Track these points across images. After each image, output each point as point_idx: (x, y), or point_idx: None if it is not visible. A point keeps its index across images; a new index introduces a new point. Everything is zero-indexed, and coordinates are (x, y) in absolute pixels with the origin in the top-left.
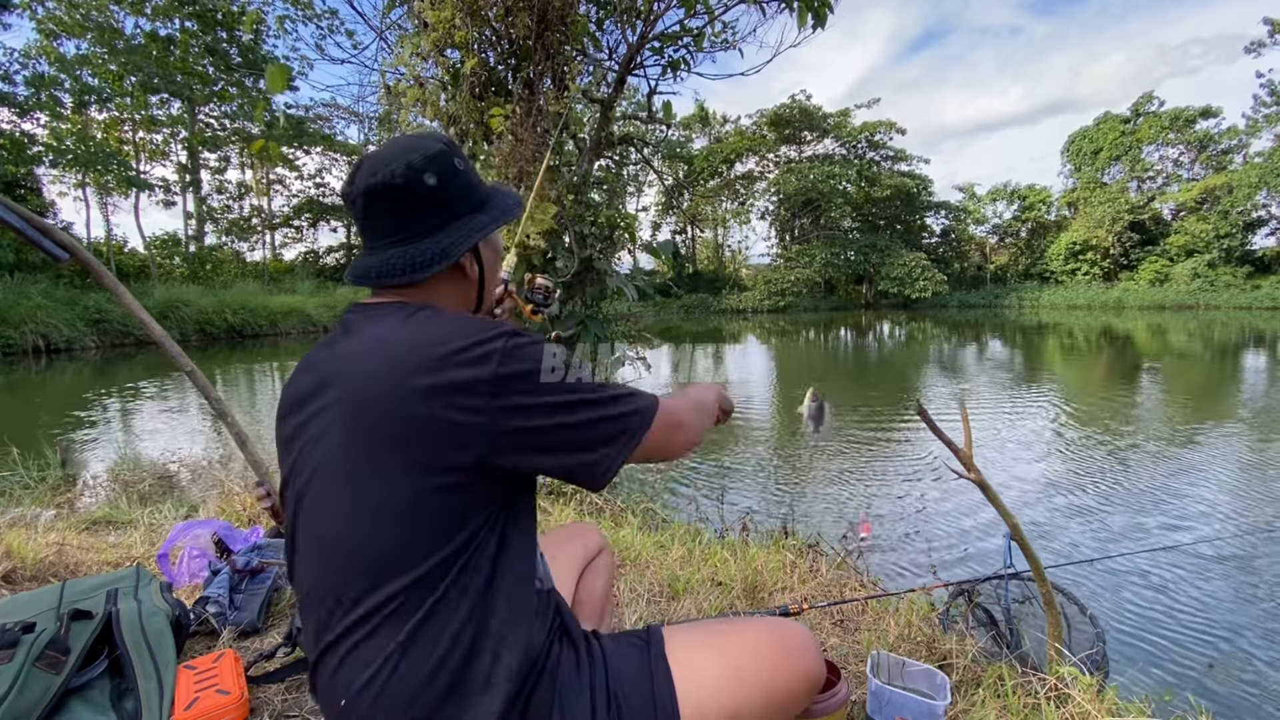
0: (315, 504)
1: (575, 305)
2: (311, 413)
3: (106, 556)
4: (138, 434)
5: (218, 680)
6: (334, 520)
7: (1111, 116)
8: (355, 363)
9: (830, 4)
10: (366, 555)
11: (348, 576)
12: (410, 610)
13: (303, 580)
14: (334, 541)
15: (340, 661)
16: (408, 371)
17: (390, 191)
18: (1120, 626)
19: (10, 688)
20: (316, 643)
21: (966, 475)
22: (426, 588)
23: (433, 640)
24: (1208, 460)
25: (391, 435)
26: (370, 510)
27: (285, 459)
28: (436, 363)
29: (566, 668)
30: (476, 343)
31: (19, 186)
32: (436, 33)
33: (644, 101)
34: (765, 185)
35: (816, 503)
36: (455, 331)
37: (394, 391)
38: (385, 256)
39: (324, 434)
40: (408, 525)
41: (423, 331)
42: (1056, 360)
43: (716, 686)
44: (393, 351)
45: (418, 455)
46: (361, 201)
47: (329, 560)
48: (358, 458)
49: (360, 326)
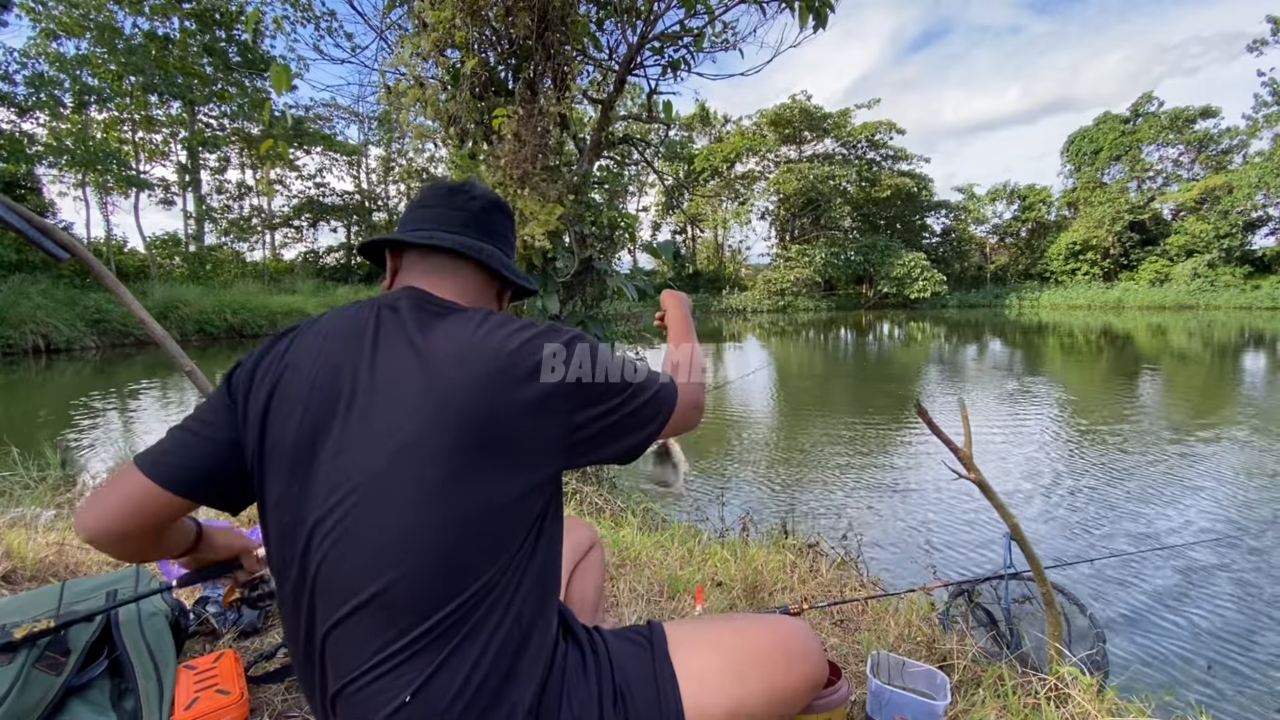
0: (376, 502)
1: (575, 305)
2: (392, 398)
3: (106, 557)
4: (138, 434)
5: (218, 680)
6: (396, 519)
7: (1111, 116)
8: (449, 352)
9: (831, 4)
10: (445, 561)
11: (423, 582)
12: (466, 619)
13: (350, 582)
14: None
15: (383, 674)
16: (505, 377)
17: (505, 212)
18: (1121, 626)
19: (10, 688)
20: (357, 652)
21: (966, 475)
22: (482, 593)
23: (483, 645)
24: (1208, 460)
25: (488, 440)
26: (453, 514)
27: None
28: (527, 372)
29: (573, 666)
30: (552, 352)
31: (19, 186)
32: (436, 33)
33: (645, 101)
34: (765, 185)
35: (816, 503)
36: (537, 334)
37: (494, 398)
38: (473, 239)
39: (394, 430)
40: (483, 531)
41: (511, 337)
42: (1056, 360)
43: (719, 685)
44: (488, 354)
45: (506, 460)
46: (483, 204)
47: (392, 563)
48: (445, 459)
49: (436, 317)
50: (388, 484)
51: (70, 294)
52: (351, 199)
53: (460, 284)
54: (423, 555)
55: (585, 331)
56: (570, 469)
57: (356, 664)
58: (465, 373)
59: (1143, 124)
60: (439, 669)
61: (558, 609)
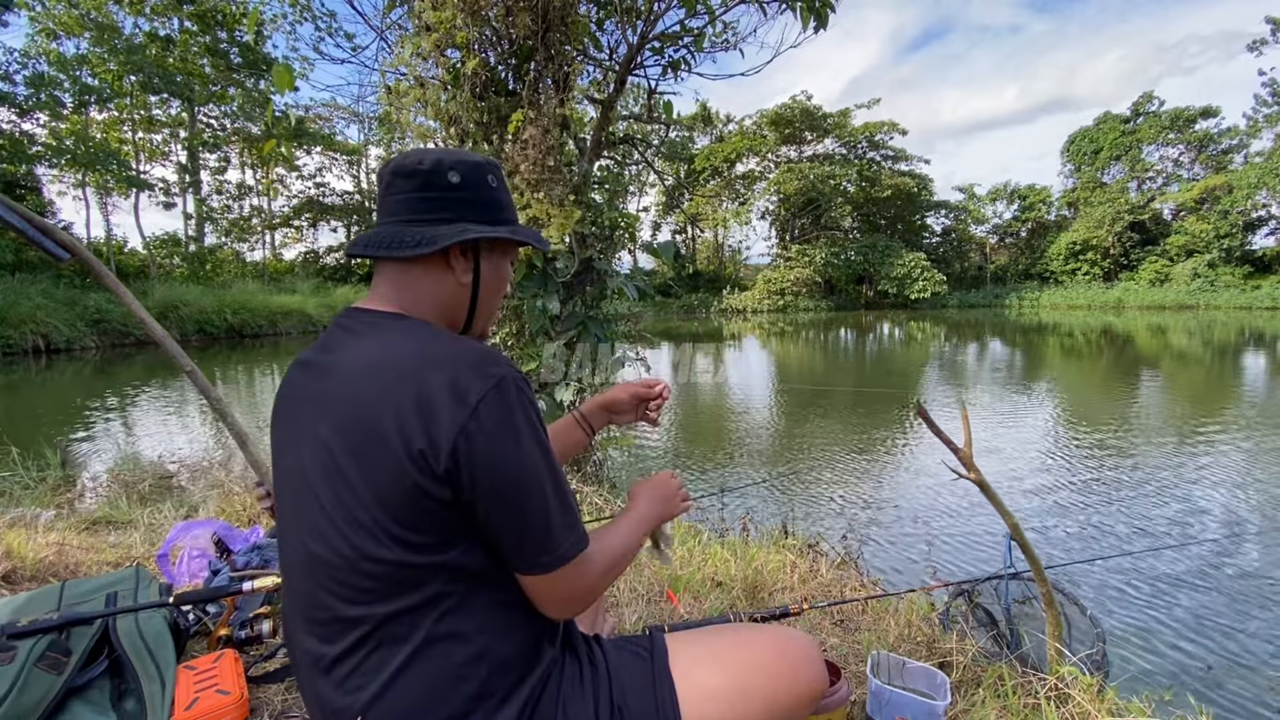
0: (306, 511)
1: (575, 305)
2: (302, 423)
3: (106, 557)
4: (137, 434)
5: (218, 680)
6: (320, 531)
7: (1111, 116)
8: (347, 378)
9: (831, 4)
10: (362, 568)
11: (344, 588)
12: (413, 626)
13: (297, 589)
14: (326, 553)
15: (345, 677)
16: (394, 394)
17: (414, 175)
18: (1121, 627)
19: (11, 688)
20: (317, 658)
21: (966, 475)
22: (429, 603)
23: (444, 655)
24: (1208, 460)
25: (378, 452)
26: (365, 520)
27: (279, 462)
28: (428, 387)
29: (570, 677)
30: (471, 377)
31: (19, 186)
32: (437, 33)
33: (645, 101)
34: (765, 185)
35: (816, 503)
36: (452, 358)
37: (382, 417)
38: (381, 232)
39: (315, 445)
40: (401, 541)
41: (413, 351)
42: (1056, 360)
43: (720, 699)
44: (382, 368)
45: (403, 473)
46: (387, 179)
47: (326, 569)
48: (347, 469)
49: (361, 332)
50: (307, 492)
51: (70, 294)
52: (351, 199)
53: (398, 283)
54: (329, 564)
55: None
56: (457, 488)
57: (313, 670)
58: (362, 380)
59: (1143, 124)
60: (391, 679)
61: (546, 627)
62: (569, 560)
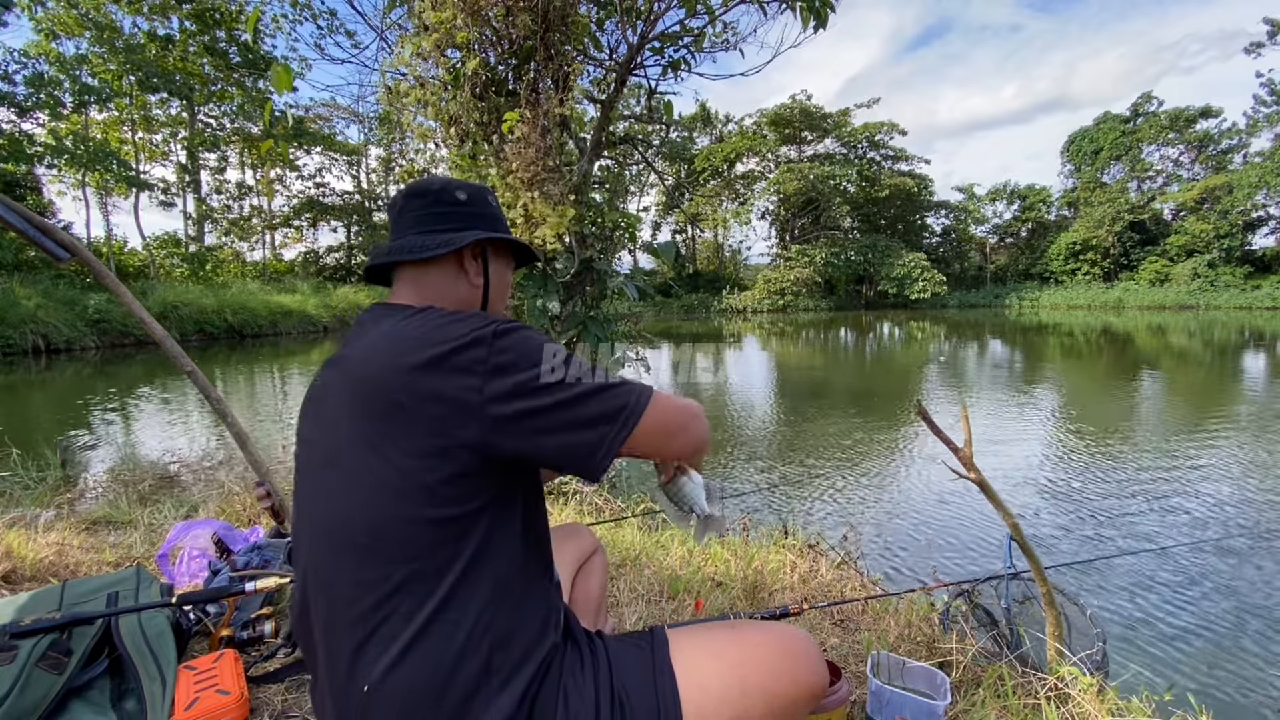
0: (319, 487)
1: (575, 305)
2: (324, 404)
3: (106, 557)
4: (137, 434)
5: (218, 680)
6: (336, 502)
7: (1111, 116)
8: (363, 352)
9: (831, 4)
10: (374, 538)
11: (358, 560)
12: (422, 599)
13: (309, 564)
14: (342, 524)
15: (358, 647)
16: (407, 355)
17: (425, 195)
18: (1121, 627)
19: (11, 688)
20: (327, 629)
21: (966, 475)
22: (435, 576)
23: (449, 633)
24: (1209, 460)
25: (391, 416)
26: (373, 492)
27: (304, 437)
28: (435, 347)
29: (571, 668)
30: (473, 329)
31: (19, 186)
32: (437, 33)
33: (645, 101)
34: (765, 185)
35: (817, 503)
36: (453, 320)
37: (393, 374)
38: (400, 242)
39: (333, 421)
40: (412, 510)
41: (426, 321)
42: (1056, 360)
43: (720, 693)
44: (396, 338)
45: (418, 437)
46: (400, 202)
47: (339, 543)
48: (361, 440)
49: (375, 323)
50: (320, 469)
51: (70, 294)
52: (351, 199)
53: (417, 284)
54: (345, 536)
55: (585, 332)
56: (515, 459)
57: (327, 643)
58: (369, 355)
59: (1143, 124)
60: (402, 653)
61: (560, 611)
62: (644, 408)
